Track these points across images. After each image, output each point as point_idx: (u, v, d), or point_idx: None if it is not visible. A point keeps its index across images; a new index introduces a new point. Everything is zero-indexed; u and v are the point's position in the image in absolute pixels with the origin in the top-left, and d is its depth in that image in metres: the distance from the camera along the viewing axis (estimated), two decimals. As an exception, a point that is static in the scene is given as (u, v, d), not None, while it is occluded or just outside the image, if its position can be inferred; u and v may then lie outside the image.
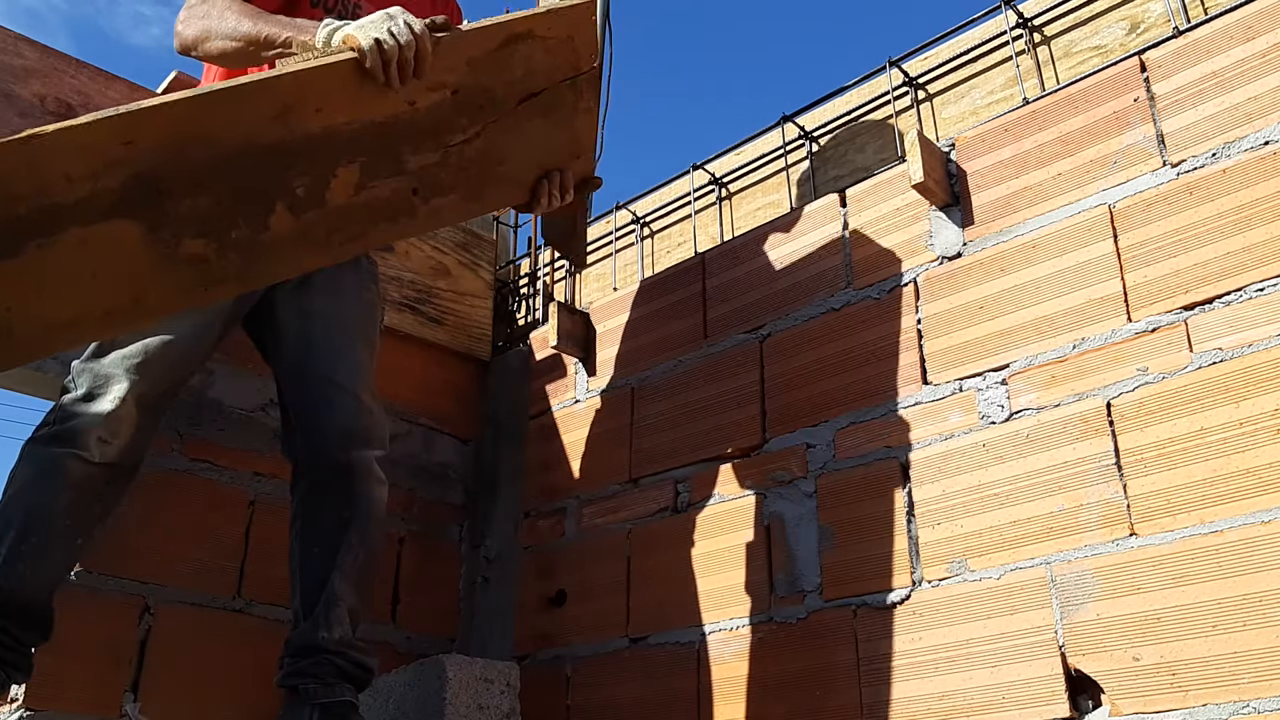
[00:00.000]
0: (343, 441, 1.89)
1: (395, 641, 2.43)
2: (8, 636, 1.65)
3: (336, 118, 1.62)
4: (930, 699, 1.72)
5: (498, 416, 2.73)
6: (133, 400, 1.76)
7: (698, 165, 2.60)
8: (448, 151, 1.74)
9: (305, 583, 1.84)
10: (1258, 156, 1.64)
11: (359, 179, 1.66)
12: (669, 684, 2.08)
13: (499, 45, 1.73)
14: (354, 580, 1.84)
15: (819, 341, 2.10)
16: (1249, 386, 1.55)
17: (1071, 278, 1.79)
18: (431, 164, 1.73)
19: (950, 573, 1.77)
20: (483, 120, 1.76)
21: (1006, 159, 1.94)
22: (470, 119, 1.74)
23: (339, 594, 1.82)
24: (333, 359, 1.95)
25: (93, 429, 1.73)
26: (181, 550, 2.13)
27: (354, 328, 2.00)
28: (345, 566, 1.84)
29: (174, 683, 2.05)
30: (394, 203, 1.72)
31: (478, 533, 2.63)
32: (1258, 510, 1.49)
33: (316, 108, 1.60)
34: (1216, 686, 1.46)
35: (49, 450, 1.72)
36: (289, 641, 1.82)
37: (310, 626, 1.79)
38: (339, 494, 1.88)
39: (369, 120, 1.65)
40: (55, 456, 1.72)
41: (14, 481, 1.72)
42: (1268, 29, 1.69)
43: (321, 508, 1.87)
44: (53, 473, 1.71)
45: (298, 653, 1.79)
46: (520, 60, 1.76)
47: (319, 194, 1.64)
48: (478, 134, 1.76)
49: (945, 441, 1.85)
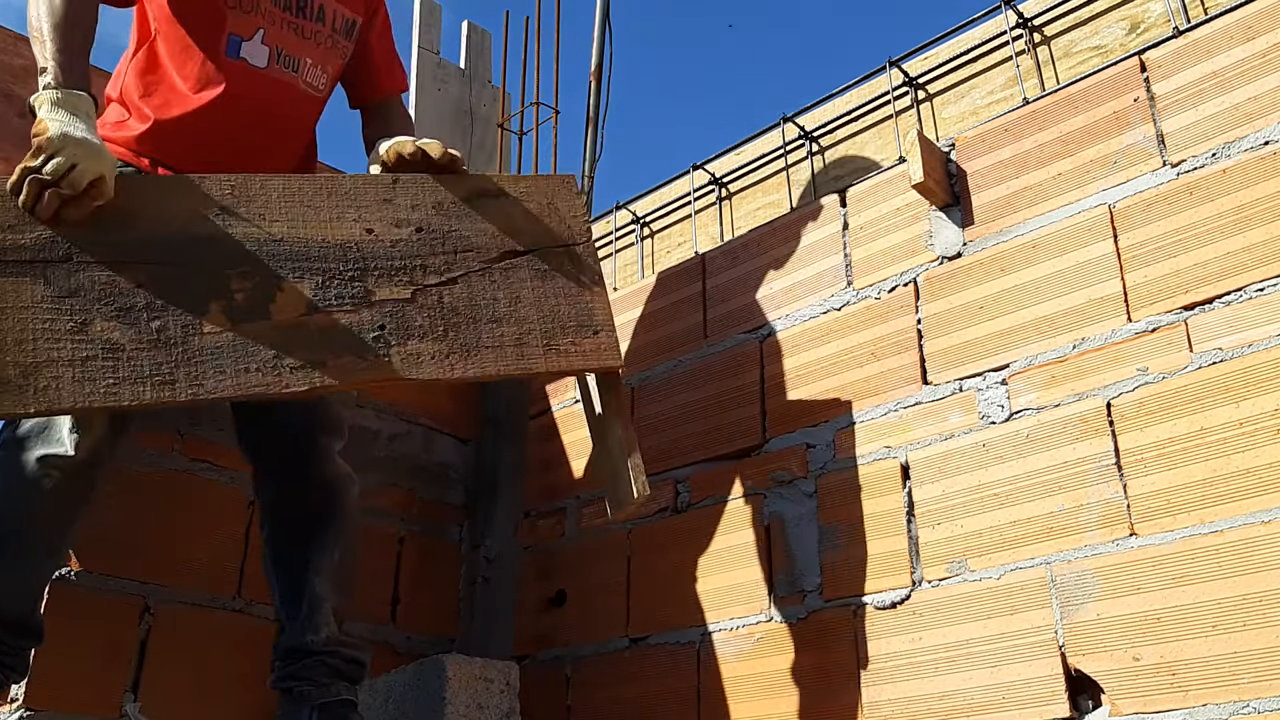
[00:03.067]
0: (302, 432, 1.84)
1: (395, 641, 2.42)
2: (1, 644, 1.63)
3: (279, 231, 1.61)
4: (930, 699, 1.72)
5: (498, 416, 2.73)
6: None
7: (698, 165, 2.60)
8: (421, 291, 1.67)
9: (283, 585, 1.83)
10: (1258, 156, 1.64)
11: (311, 298, 1.59)
12: (669, 684, 2.08)
13: (467, 195, 1.77)
14: (333, 579, 1.83)
15: (819, 341, 2.10)
16: (1249, 386, 1.55)
17: (1071, 278, 1.79)
18: (401, 302, 1.64)
19: (950, 573, 1.77)
20: (463, 266, 1.71)
21: (1006, 159, 1.94)
22: (447, 262, 1.70)
23: (320, 595, 1.80)
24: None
25: (68, 424, 1.64)
26: (182, 550, 2.13)
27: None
28: (323, 567, 1.82)
29: (174, 683, 2.05)
30: (357, 337, 1.59)
31: (478, 533, 2.63)
32: (1258, 510, 1.49)
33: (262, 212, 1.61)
34: (1216, 686, 1.46)
35: (23, 455, 1.63)
36: (277, 645, 1.81)
37: (296, 630, 1.79)
38: (304, 490, 1.85)
39: (321, 239, 1.64)
40: (31, 462, 1.62)
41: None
42: (1268, 29, 1.69)
43: (289, 507, 1.85)
44: (31, 480, 1.62)
45: (287, 656, 1.79)
46: (498, 214, 1.77)
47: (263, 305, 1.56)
48: (456, 280, 1.70)
49: (945, 441, 1.85)
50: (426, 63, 4.27)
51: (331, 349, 1.57)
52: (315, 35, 1.93)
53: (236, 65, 1.84)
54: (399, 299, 1.64)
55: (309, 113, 1.98)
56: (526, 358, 1.69)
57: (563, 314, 1.75)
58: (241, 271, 1.57)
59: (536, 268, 1.76)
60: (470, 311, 1.68)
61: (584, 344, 1.74)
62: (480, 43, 4.75)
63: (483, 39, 4.92)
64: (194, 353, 1.49)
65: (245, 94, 1.84)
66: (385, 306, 1.63)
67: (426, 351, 1.63)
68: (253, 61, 1.86)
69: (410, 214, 1.72)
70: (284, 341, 1.55)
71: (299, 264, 1.61)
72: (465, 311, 1.68)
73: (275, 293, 1.57)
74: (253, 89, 1.85)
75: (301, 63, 1.91)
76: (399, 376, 1.61)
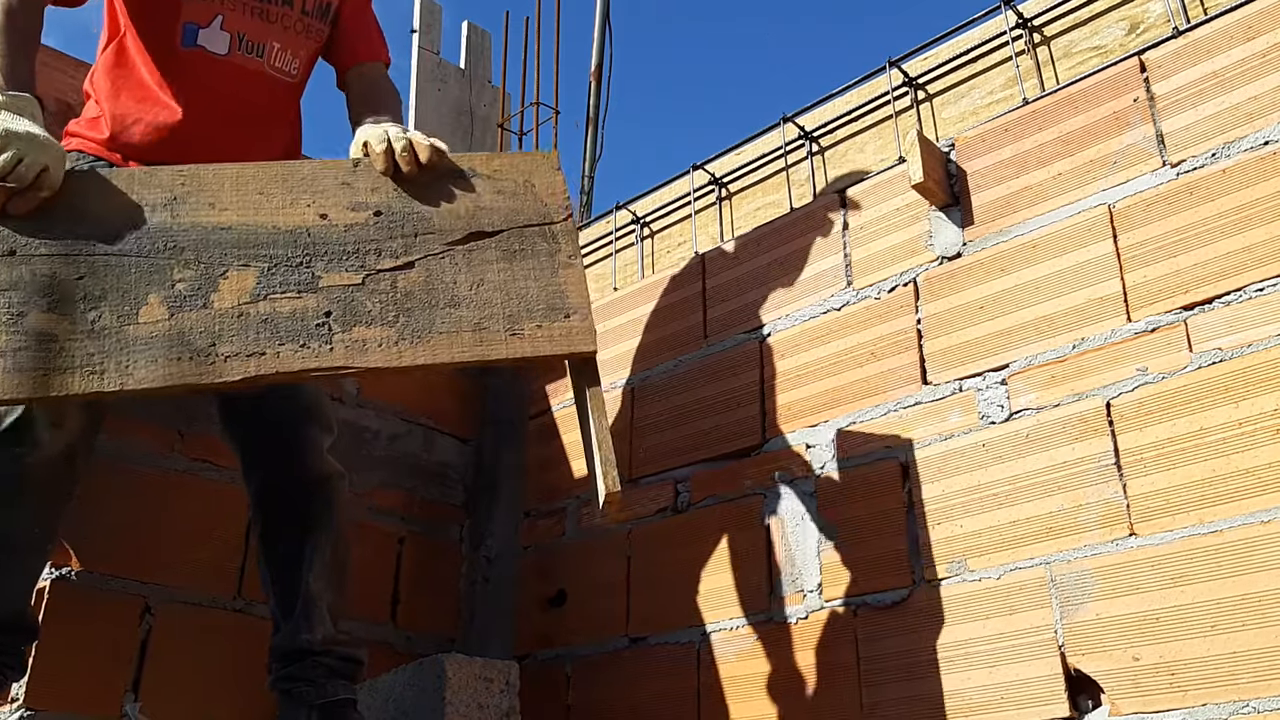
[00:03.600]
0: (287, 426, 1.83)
1: (395, 641, 2.43)
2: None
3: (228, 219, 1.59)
4: (930, 699, 1.72)
5: (498, 416, 2.73)
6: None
7: (698, 165, 2.60)
8: (373, 275, 1.61)
9: (276, 584, 1.82)
10: (1257, 156, 1.64)
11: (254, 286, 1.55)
12: (669, 684, 2.08)
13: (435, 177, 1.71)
14: (327, 577, 1.82)
15: (819, 341, 2.10)
16: (1248, 386, 1.55)
17: (1071, 278, 1.79)
18: (350, 287, 1.59)
19: (950, 573, 1.77)
20: (422, 249, 1.65)
21: (1006, 159, 1.94)
22: (405, 245, 1.64)
23: (315, 594, 1.79)
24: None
25: (36, 416, 1.59)
26: (182, 550, 2.13)
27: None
28: (315, 565, 1.81)
29: (174, 682, 2.05)
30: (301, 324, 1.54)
31: (478, 533, 2.63)
32: (1257, 510, 1.50)
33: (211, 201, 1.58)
34: (1216, 686, 1.46)
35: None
36: (274, 646, 1.81)
37: (292, 630, 1.78)
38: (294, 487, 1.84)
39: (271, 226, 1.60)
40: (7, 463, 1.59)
41: None
42: (1268, 29, 1.69)
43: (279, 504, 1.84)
44: (9, 481, 1.59)
45: (285, 657, 1.78)
46: (466, 195, 1.71)
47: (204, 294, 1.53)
48: (413, 263, 1.63)
49: (945, 441, 1.85)
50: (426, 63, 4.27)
51: (273, 337, 1.52)
52: (282, 19, 1.92)
53: (194, 54, 1.83)
54: (348, 284, 1.59)
55: (281, 97, 1.96)
56: (486, 343, 1.60)
57: (531, 297, 1.65)
58: (184, 260, 1.54)
59: (505, 248, 1.68)
60: (426, 296, 1.60)
61: (553, 328, 1.63)
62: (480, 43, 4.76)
63: (483, 39, 4.93)
64: (127, 342, 1.46)
65: (206, 83, 1.84)
66: (333, 293, 1.57)
67: (374, 338, 1.56)
68: (211, 49, 1.85)
69: (370, 197, 1.67)
70: (222, 330, 1.51)
71: (245, 251, 1.57)
72: (420, 296, 1.60)
73: (219, 281, 1.54)
74: (214, 77, 1.85)
75: (267, 48, 1.90)
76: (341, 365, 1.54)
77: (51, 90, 2.22)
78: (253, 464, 1.89)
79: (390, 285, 1.60)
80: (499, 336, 1.61)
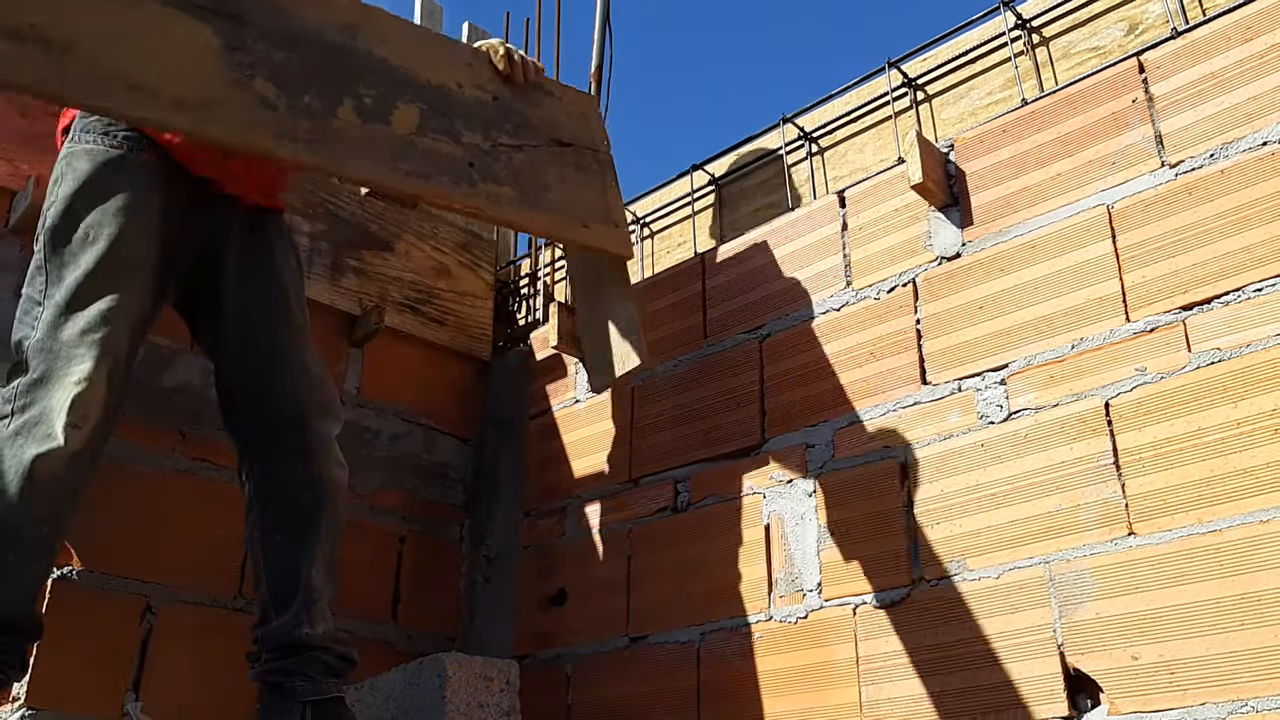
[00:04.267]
0: (296, 415, 1.83)
1: (395, 640, 2.43)
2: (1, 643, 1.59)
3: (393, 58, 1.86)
4: (929, 698, 1.73)
5: (498, 416, 2.73)
6: (103, 378, 1.62)
7: (698, 165, 2.60)
8: (496, 147, 1.93)
9: (273, 573, 1.79)
10: (1256, 157, 1.65)
11: (419, 122, 1.84)
12: (669, 683, 2.09)
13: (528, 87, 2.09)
14: (327, 572, 1.81)
15: (819, 341, 2.10)
16: (1247, 386, 1.56)
17: (1070, 278, 1.79)
18: (482, 149, 1.91)
19: (949, 572, 1.78)
20: (525, 139, 2.00)
21: (1005, 159, 1.95)
22: (514, 131, 1.98)
23: (318, 588, 1.78)
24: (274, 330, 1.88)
25: (61, 415, 1.58)
26: (183, 550, 2.14)
27: (291, 297, 1.93)
28: (318, 559, 1.79)
29: (175, 682, 2.06)
30: (454, 165, 1.85)
31: (478, 532, 2.64)
32: (1255, 510, 1.50)
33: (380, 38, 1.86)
34: (1215, 685, 1.47)
35: (15, 451, 1.58)
36: (266, 636, 1.77)
37: (291, 622, 1.75)
38: (298, 477, 1.82)
39: (424, 78, 1.89)
40: (25, 462, 1.57)
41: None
42: (1267, 29, 1.69)
43: (284, 498, 1.82)
44: (24, 478, 1.56)
45: (281, 650, 1.75)
46: (548, 107, 2.09)
47: (384, 114, 1.80)
48: (521, 147, 1.98)
49: (944, 441, 1.86)
50: (427, 63, 4.25)
51: (435, 168, 1.82)
52: None
53: None
54: (480, 147, 1.91)
55: None
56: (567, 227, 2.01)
57: (591, 202, 2.05)
58: (366, 81, 1.80)
59: (574, 161, 2.07)
60: (531, 177, 1.96)
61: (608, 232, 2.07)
62: (480, 43, 4.75)
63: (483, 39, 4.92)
64: (332, 133, 1.71)
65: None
66: (471, 150, 1.89)
67: (504, 196, 1.91)
68: None
69: (488, 84, 2.00)
70: (400, 150, 1.79)
71: (408, 90, 1.85)
72: (527, 175, 1.96)
73: (393, 107, 1.81)
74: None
75: None
76: (484, 208, 1.89)
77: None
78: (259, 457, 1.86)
79: (508, 158, 1.95)
80: (575, 225, 2.02)
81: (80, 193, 1.74)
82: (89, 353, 1.62)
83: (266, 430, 1.85)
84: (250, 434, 1.87)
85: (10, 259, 2.11)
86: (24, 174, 2.13)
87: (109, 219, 1.72)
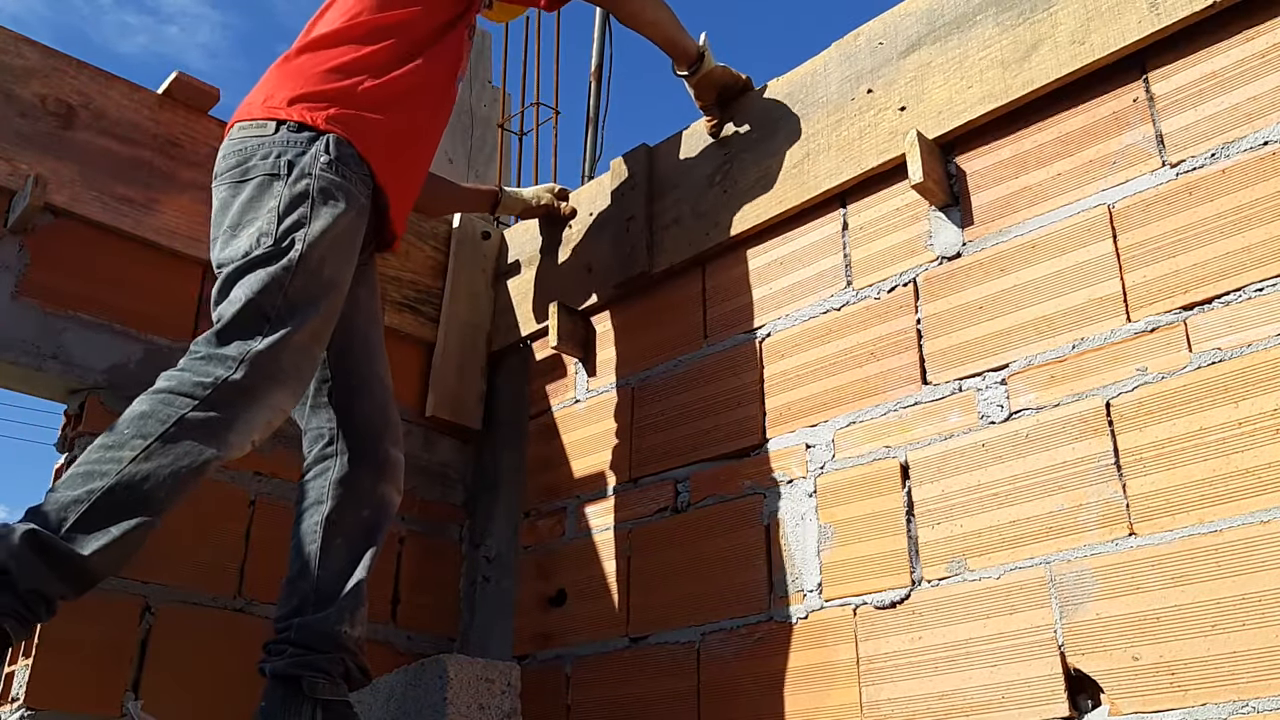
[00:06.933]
0: (385, 436, 1.98)
1: (395, 641, 2.43)
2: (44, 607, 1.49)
3: None
4: (930, 698, 1.73)
5: (498, 416, 2.73)
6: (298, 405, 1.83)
7: (698, 165, 2.60)
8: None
9: (327, 570, 1.83)
10: (1257, 157, 1.64)
11: None
12: (669, 684, 2.08)
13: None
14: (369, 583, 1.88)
15: (819, 341, 2.10)
16: (1248, 386, 1.56)
17: (1071, 278, 1.79)
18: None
19: (949, 572, 1.77)
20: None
21: (1006, 159, 1.95)
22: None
23: (364, 595, 1.85)
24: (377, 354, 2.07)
25: (249, 433, 1.64)
26: (182, 550, 2.13)
27: (381, 327, 2.13)
28: (369, 570, 1.87)
29: (175, 682, 2.06)
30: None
31: (478, 532, 2.64)
32: (1256, 510, 1.50)
33: None
34: (1215, 686, 1.46)
35: (195, 445, 1.58)
36: (302, 626, 1.76)
37: (333, 617, 1.77)
38: (370, 491, 1.93)
39: None
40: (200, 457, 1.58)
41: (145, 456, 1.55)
42: (1267, 29, 1.69)
43: (353, 500, 1.91)
44: (191, 472, 1.58)
45: (312, 641, 1.75)
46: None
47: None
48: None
49: (945, 441, 1.86)
50: (427, 63, 4.24)
51: None
52: None
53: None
54: None
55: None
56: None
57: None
58: None
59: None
60: None
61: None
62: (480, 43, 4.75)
63: (483, 39, 4.93)
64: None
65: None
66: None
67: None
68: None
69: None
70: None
71: None
72: None
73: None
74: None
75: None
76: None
77: (54, 91, 2.22)
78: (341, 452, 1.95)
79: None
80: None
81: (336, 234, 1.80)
82: (296, 388, 1.73)
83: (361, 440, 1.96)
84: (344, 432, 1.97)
85: (10, 259, 2.11)
86: (24, 174, 2.13)
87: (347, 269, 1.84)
